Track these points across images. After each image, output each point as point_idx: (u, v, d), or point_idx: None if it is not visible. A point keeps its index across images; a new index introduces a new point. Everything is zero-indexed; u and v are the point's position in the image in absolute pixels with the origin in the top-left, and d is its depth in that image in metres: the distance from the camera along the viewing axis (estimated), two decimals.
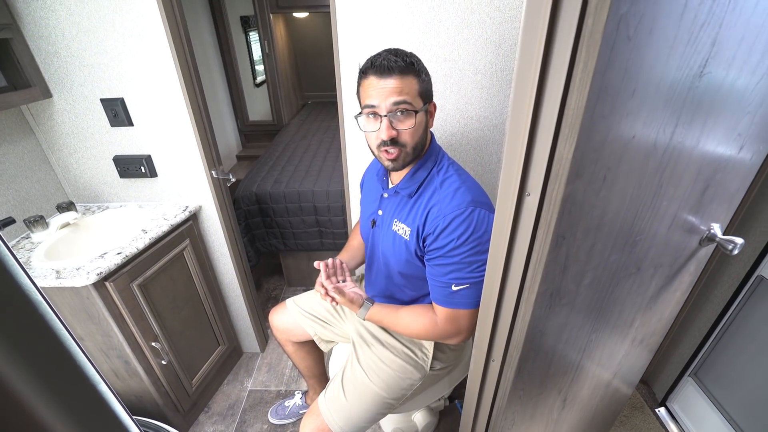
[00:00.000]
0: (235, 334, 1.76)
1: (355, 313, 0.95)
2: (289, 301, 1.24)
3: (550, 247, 0.52)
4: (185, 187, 1.38)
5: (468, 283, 0.78)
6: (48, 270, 1.03)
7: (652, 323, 0.90)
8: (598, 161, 0.47)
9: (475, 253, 0.76)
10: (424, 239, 0.83)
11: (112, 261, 1.06)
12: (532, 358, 0.69)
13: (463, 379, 1.07)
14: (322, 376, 1.42)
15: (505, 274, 0.61)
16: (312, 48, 4.54)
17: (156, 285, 1.24)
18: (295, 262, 2.21)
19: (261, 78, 3.81)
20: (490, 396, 0.79)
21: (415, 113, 0.77)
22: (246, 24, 3.50)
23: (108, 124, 1.27)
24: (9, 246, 0.23)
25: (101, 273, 1.03)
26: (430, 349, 0.99)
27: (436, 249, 0.80)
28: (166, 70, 1.16)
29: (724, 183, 0.69)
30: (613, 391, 1.06)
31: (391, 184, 0.93)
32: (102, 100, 1.22)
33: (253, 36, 3.62)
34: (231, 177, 1.40)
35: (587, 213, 0.52)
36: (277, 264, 2.34)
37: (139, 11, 1.08)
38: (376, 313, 0.92)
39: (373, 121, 0.78)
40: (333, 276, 0.95)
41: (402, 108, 0.75)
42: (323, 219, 1.97)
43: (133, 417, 0.33)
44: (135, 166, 1.32)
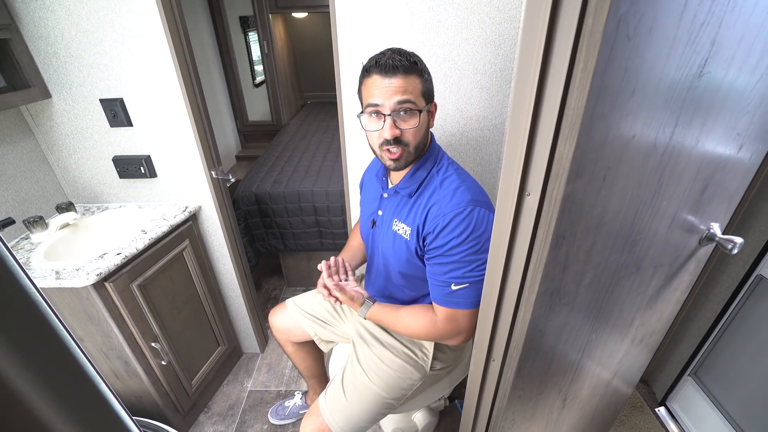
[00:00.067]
0: (234, 334, 1.76)
1: (355, 311, 0.95)
2: (289, 302, 1.24)
3: (551, 247, 0.52)
4: (185, 188, 1.38)
5: (468, 283, 0.78)
6: (47, 271, 1.03)
7: (651, 323, 0.90)
8: (598, 161, 0.47)
9: (475, 252, 0.76)
10: (424, 238, 0.83)
11: (112, 261, 1.06)
12: (533, 358, 0.69)
13: (463, 379, 1.07)
14: (322, 377, 1.42)
15: (506, 273, 0.61)
16: (311, 48, 4.54)
17: (156, 285, 1.24)
18: (294, 262, 2.21)
19: (260, 78, 3.81)
20: (490, 396, 0.79)
21: (419, 113, 0.77)
22: (245, 24, 3.50)
23: (107, 124, 1.26)
24: (8, 247, 0.23)
25: (101, 273, 1.02)
26: (431, 349, 0.99)
27: (436, 248, 0.80)
28: (165, 70, 1.16)
29: (724, 182, 0.69)
30: (613, 391, 1.07)
31: (391, 184, 0.93)
32: (101, 101, 1.22)
33: (253, 36, 3.62)
34: (230, 177, 1.40)
35: (587, 213, 0.52)
36: (276, 264, 2.34)
37: (138, 11, 1.07)
38: (376, 312, 0.93)
39: (376, 120, 0.78)
40: (335, 274, 0.95)
41: (406, 107, 0.75)
42: (323, 219, 1.97)
43: (133, 417, 0.33)
44: (134, 167, 1.32)
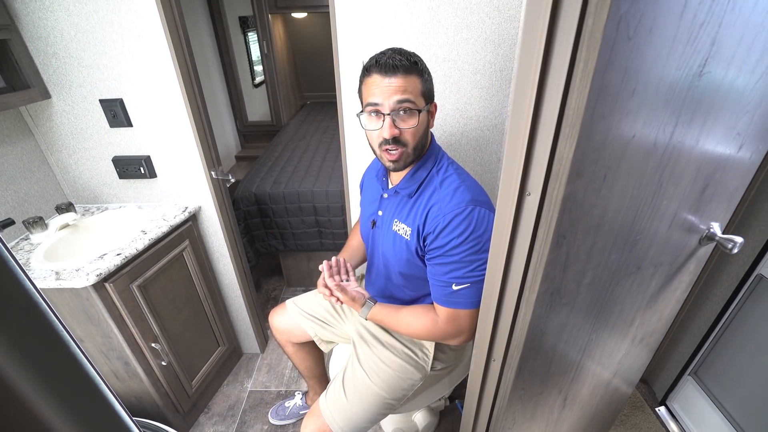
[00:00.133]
0: (234, 334, 1.76)
1: (357, 312, 0.95)
2: (289, 302, 1.24)
3: (551, 247, 0.52)
4: (185, 188, 1.38)
5: (468, 283, 0.78)
6: (47, 271, 1.02)
7: (652, 322, 0.90)
8: (598, 161, 0.47)
9: (475, 252, 0.76)
10: (425, 239, 0.83)
11: (112, 262, 1.06)
12: (533, 358, 0.69)
13: (463, 379, 1.07)
14: (322, 377, 1.42)
15: (506, 273, 0.61)
16: (311, 48, 4.54)
17: (156, 286, 1.24)
18: (294, 262, 2.21)
19: (260, 78, 3.81)
20: (490, 396, 0.79)
21: (418, 112, 0.77)
22: (245, 24, 3.50)
23: (107, 124, 1.26)
24: (8, 247, 0.23)
25: (101, 274, 1.02)
26: (431, 349, 0.99)
27: (436, 248, 0.80)
28: (165, 70, 1.16)
29: (724, 182, 0.69)
30: (614, 391, 1.07)
31: (391, 185, 0.93)
32: (101, 101, 1.22)
33: (252, 36, 3.62)
34: (230, 177, 1.40)
35: (588, 212, 0.52)
36: (276, 264, 2.34)
37: (138, 12, 1.07)
38: (377, 312, 0.92)
39: (375, 119, 0.78)
40: (336, 275, 0.95)
41: (405, 107, 0.75)
42: (323, 219, 1.97)
43: (133, 418, 0.33)
44: (134, 167, 1.32)
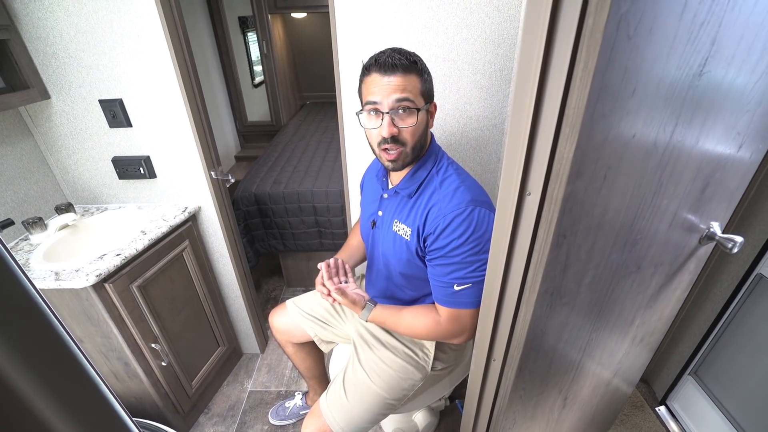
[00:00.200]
0: (234, 335, 1.76)
1: (357, 314, 0.94)
2: (289, 302, 1.24)
3: (551, 247, 0.52)
4: (184, 188, 1.38)
5: (470, 283, 0.78)
6: (47, 272, 1.02)
7: (652, 322, 0.90)
8: (598, 160, 0.47)
9: (476, 253, 0.76)
10: (425, 239, 0.82)
11: (111, 262, 1.06)
12: (533, 358, 0.69)
13: (464, 379, 1.07)
14: (322, 377, 1.42)
15: (506, 273, 0.61)
16: (310, 48, 4.54)
17: (155, 286, 1.23)
18: (294, 262, 2.21)
19: (259, 78, 3.81)
20: (491, 396, 0.79)
21: (417, 111, 0.77)
22: (244, 24, 3.49)
23: (107, 125, 1.26)
24: (8, 248, 0.23)
25: (100, 274, 1.02)
26: (432, 349, 0.99)
27: (437, 249, 0.80)
28: (164, 70, 1.16)
29: (724, 181, 0.69)
30: (614, 390, 1.07)
31: (391, 185, 0.93)
32: (100, 101, 1.22)
33: (252, 36, 3.62)
34: (230, 178, 1.40)
35: (588, 212, 0.52)
36: (276, 265, 2.34)
37: (137, 12, 1.07)
38: (378, 314, 0.92)
39: (374, 118, 0.78)
40: (335, 276, 0.95)
41: (404, 105, 0.75)
42: (323, 219, 1.97)
43: (133, 419, 0.33)
44: (134, 167, 1.32)
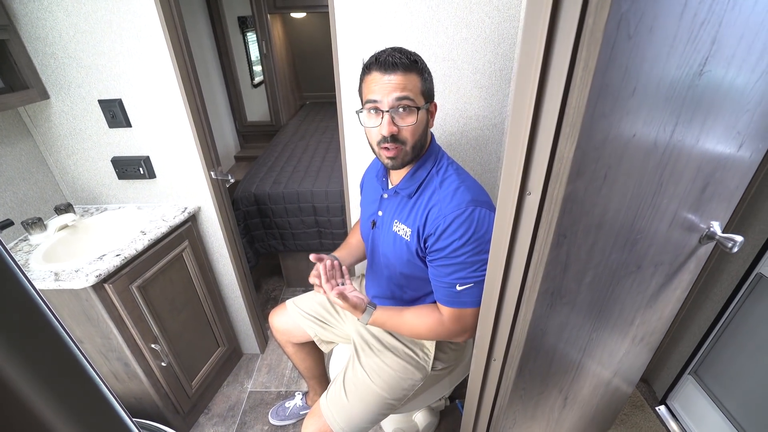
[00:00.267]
0: (234, 335, 1.75)
1: (357, 318, 0.93)
2: (289, 303, 1.24)
3: (551, 246, 0.52)
4: (184, 188, 1.38)
5: (472, 282, 0.78)
6: (46, 272, 1.02)
7: (652, 321, 0.90)
8: (599, 160, 0.47)
9: (478, 253, 0.76)
10: (425, 240, 0.82)
11: (111, 263, 1.06)
12: (534, 358, 0.69)
13: (464, 379, 1.07)
14: (322, 377, 1.42)
15: (506, 273, 0.61)
16: (310, 48, 4.53)
17: (155, 287, 1.23)
18: (294, 262, 2.21)
19: (259, 78, 3.81)
20: (491, 395, 0.79)
21: (417, 110, 0.77)
22: (244, 24, 3.49)
23: (106, 125, 1.26)
24: (7, 248, 0.23)
25: (100, 275, 1.02)
26: (432, 349, 0.99)
27: (438, 250, 0.79)
28: (164, 70, 1.16)
29: (724, 181, 0.69)
30: (614, 390, 1.07)
31: (391, 185, 0.93)
32: (100, 101, 1.22)
33: (251, 36, 3.62)
34: (230, 178, 1.40)
35: (588, 212, 0.52)
36: (276, 265, 2.34)
37: (137, 12, 1.07)
38: (379, 316, 0.91)
39: (374, 116, 0.78)
40: (332, 279, 0.93)
41: (404, 104, 0.75)
42: (322, 219, 1.97)
43: (133, 419, 0.33)
44: (133, 168, 1.32)
